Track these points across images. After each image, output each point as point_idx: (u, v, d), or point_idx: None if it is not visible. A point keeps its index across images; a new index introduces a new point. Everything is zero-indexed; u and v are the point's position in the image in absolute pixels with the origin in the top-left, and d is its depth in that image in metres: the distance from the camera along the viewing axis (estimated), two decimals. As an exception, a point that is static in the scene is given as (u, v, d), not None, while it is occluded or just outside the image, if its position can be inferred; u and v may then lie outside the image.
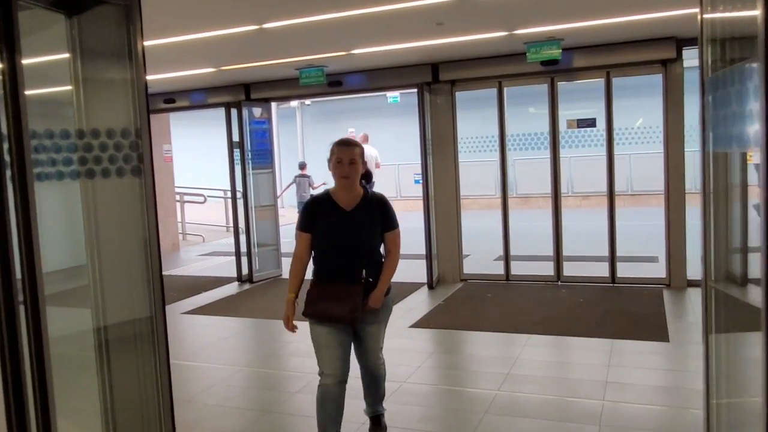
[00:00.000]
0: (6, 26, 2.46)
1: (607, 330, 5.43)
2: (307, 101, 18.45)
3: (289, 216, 16.67)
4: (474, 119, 12.66)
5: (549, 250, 7.45)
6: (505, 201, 7.62)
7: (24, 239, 2.42)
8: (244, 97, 8.34)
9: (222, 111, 8.44)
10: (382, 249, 3.35)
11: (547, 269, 7.44)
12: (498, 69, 7.20)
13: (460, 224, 7.69)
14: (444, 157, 7.62)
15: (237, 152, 8.35)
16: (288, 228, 12.72)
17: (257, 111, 8.53)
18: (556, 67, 6.75)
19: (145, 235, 2.78)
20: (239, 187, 8.40)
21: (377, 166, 12.56)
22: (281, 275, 8.50)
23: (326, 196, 3.24)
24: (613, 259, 7.16)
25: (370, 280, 3.20)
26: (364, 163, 3.25)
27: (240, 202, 8.48)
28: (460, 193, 7.74)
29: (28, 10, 2.66)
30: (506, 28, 5.75)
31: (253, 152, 8.44)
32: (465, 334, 5.67)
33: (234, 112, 8.29)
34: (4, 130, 2.49)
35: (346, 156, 3.15)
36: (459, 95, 7.57)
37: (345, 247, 3.19)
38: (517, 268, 7.62)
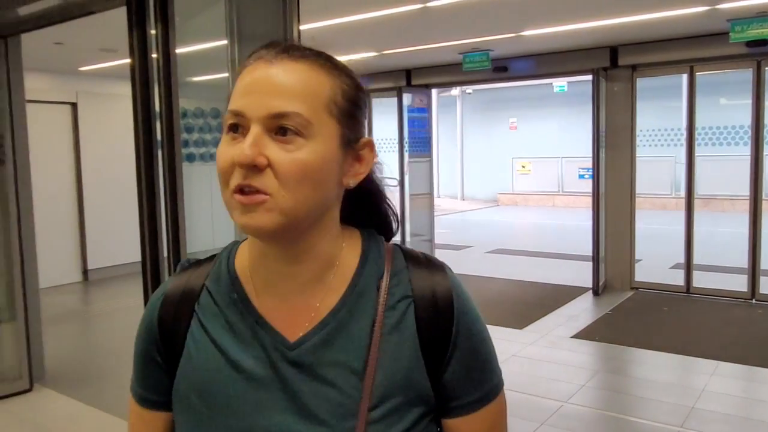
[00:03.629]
0: (162, 7, 2.36)
1: (820, 365, 4.49)
2: (469, 90, 18.02)
3: (444, 206, 16.50)
4: (646, 110, 11.48)
5: (741, 261, 6.43)
6: (690, 202, 6.69)
7: (171, 219, 2.33)
8: (405, 82, 8.15)
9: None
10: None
11: (739, 284, 6.42)
12: (691, 52, 6.30)
13: (633, 226, 6.88)
14: (618, 152, 6.86)
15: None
16: (444, 219, 12.58)
17: (409, 98, 8.31)
18: (765, 48, 5.76)
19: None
20: (395, 174, 8.28)
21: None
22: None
23: (223, 272, 0.87)
24: (825, 277, 6.01)
25: None
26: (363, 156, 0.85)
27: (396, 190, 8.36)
28: (636, 192, 6.93)
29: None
30: (708, 2, 4.92)
31: (410, 140, 8.25)
32: (636, 353, 4.99)
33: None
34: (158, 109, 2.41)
35: (257, 110, 0.74)
36: (639, 82, 6.75)
37: None
38: (701, 280, 6.67)
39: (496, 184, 17.99)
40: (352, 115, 0.79)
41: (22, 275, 4.17)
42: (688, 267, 6.67)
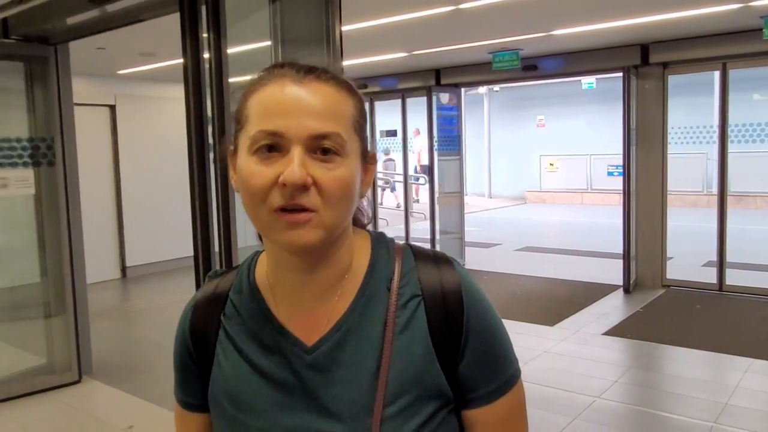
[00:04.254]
0: (214, 12, 2.49)
1: None
2: (496, 87, 17.99)
3: (471, 203, 16.51)
4: (678, 106, 11.39)
5: (775, 259, 6.39)
6: (723, 199, 6.65)
7: (222, 216, 2.46)
8: (434, 82, 8.22)
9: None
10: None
11: (773, 281, 6.38)
12: (723, 48, 6.26)
13: (665, 223, 6.86)
14: (649, 149, 6.85)
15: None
16: (472, 216, 12.60)
17: (445, 97, 8.37)
18: (800, 44, 5.71)
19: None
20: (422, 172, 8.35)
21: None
22: (464, 265, 8.28)
23: (245, 283, 0.92)
24: None
25: None
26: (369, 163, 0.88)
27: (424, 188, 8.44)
28: (667, 189, 6.91)
29: (236, -4, 2.70)
30: (741, 0, 4.92)
31: (440, 139, 8.32)
32: (668, 350, 5.01)
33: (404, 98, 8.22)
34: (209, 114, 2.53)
35: (298, 131, 0.77)
36: (670, 79, 6.73)
37: None
38: (734, 278, 6.63)
39: (523, 181, 17.93)
40: (365, 130, 0.86)
41: (72, 271, 4.36)
42: (721, 265, 6.64)
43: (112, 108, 8.07)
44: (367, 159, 0.86)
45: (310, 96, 0.78)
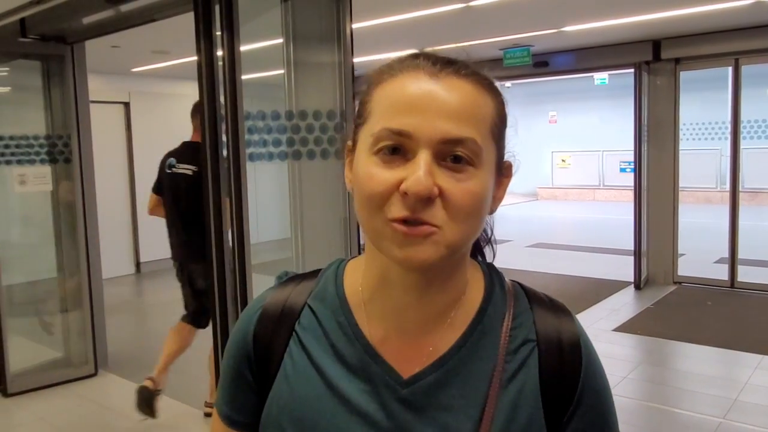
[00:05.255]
0: (227, 11, 2.54)
1: None
2: (507, 83, 17.93)
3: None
4: (690, 102, 11.32)
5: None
6: (735, 195, 6.63)
7: (236, 213, 2.51)
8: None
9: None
10: None
11: (785, 278, 6.36)
12: (736, 44, 6.24)
13: (676, 219, 6.85)
14: (661, 145, 6.83)
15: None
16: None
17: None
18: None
19: (344, 214, 2.78)
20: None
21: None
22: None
23: (330, 293, 0.81)
24: None
25: None
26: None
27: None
28: (679, 185, 6.89)
29: (248, -5, 2.74)
30: (753, -5, 4.90)
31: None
32: (679, 346, 5.01)
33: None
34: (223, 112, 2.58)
35: (429, 133, 0.67)
36: (682, 75, 6.71)
37: None
38: (746, 275, 6.61)
39: (535, 178, 17.89)
40: (504, 137, 0.75)
41: (88, 266, 4.44)
42: (733, 261, 6.62)
43: (127, 105, 8.16)
44: (503, 170, 0.76)
45: (445, 93, 0.68)
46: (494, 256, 0.86)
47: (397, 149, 0.67)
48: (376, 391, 0.73)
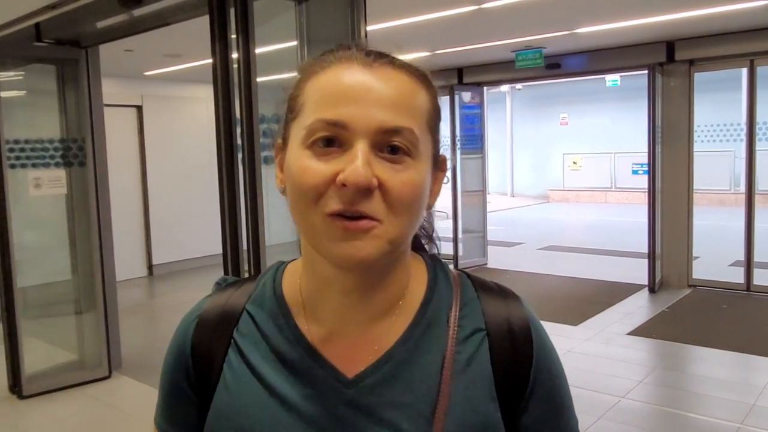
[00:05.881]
0: (242, 16, 2.54)
1: None
2: (518, 85, 17.90)
3: (494, 202, 16.45)
4: (704, 103, 11.23)
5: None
6: (751, 198, 6.56)
7: (251, 214, 2.51)
8: (456, 81, 8.22)
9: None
10: None
11: (802, 282, 6.29)
12: (751, 45, 6.18)
13: (691, 222, 6.79)
14: (675, 147, 6.77)
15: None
16: (494, 215, 12.55)
17: (467, 95, 8.37)
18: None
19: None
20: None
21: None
22: (486, 264, 8.30)
23: (268, 296, 0.78)
24: None
25: None
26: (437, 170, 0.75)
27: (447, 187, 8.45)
28: (693, 188, 6.83)
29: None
30: (769, -5, 4.85)
31: (462, 137, 8.32)
32: (694, 350, 4.96)
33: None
34: (238, 115, 2.58)
35: (365, 123, 0.65)
36: (696, 76, 6.65)
37: None
38: (761, 278, 6.54)
39: (546, 180, 17.84)
40: (438, 130, 0.72)
41: (102, 269, 4.46)
42: (749, 264, 6.55)
43: (139, 108, 8.21)
44: (438, 164, 0.73)
45: (381, 83, 0.66)
46: (438, 253, 0.83)
47: (332, 141, 0.64)
48: (320, 394, 0.70)
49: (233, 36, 2.60)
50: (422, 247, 0.82)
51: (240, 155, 2.58)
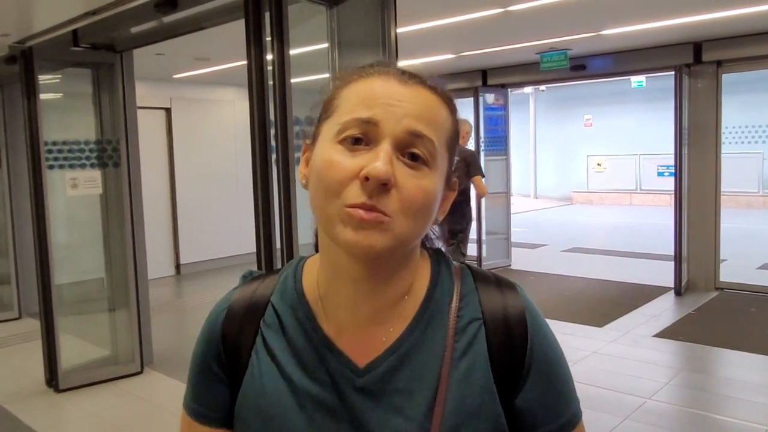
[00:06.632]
0: (277, 20, 2.61)
1: None
2: (542, 87, 17.82)
3: (517, 204, 16.40)
4: (732, 104, 11.09)
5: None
6: (779, 201, 6.48)
7: (284, 215, 2.58)
8: (481, 83, 8.25)
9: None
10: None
11: (832, 285, 6.19)
12: (780, 45, 6.12)
13: (718, 224, 6.73)
14: (702, 149, 6.72)
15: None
16: (517, 217, 12.52)
17: (491, 97, 8.38)
18: None
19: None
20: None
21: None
22: (510, 265, 8.30)
23: (290, 289, 0.84)
24: None
25: None
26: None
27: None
28: (720, 190, 6.77)
29: (296, 3, 2.82)
30: (799, -4, 4.81)
31: (486, 139, 8.34)
32: (722, 353, 4.93)
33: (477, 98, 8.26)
34: (272, 117, 2.66)
35: (394, 123, 0.73)
36: (724, 78, 6.60)
37: None
38: (790, 281, 6.47)
39: (570, 182, 17.72)
40: (455, 151, 0.80)
41: (135, 267, 4.57)
42: (777, 267, 6.47)
43: (168, 111, 8.36)
44: (450, 183, 0.80)
45: (411, 96, 0.74)
46: (464, 255, 0.92)
47: (360, 140, 0.71)
48: (333, 382, 0.76)
49: (268, 39, 2.68)
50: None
51: (273, 156, 2.64)
